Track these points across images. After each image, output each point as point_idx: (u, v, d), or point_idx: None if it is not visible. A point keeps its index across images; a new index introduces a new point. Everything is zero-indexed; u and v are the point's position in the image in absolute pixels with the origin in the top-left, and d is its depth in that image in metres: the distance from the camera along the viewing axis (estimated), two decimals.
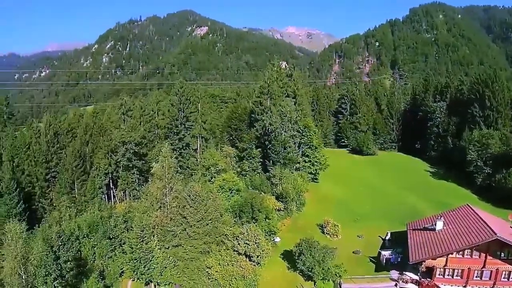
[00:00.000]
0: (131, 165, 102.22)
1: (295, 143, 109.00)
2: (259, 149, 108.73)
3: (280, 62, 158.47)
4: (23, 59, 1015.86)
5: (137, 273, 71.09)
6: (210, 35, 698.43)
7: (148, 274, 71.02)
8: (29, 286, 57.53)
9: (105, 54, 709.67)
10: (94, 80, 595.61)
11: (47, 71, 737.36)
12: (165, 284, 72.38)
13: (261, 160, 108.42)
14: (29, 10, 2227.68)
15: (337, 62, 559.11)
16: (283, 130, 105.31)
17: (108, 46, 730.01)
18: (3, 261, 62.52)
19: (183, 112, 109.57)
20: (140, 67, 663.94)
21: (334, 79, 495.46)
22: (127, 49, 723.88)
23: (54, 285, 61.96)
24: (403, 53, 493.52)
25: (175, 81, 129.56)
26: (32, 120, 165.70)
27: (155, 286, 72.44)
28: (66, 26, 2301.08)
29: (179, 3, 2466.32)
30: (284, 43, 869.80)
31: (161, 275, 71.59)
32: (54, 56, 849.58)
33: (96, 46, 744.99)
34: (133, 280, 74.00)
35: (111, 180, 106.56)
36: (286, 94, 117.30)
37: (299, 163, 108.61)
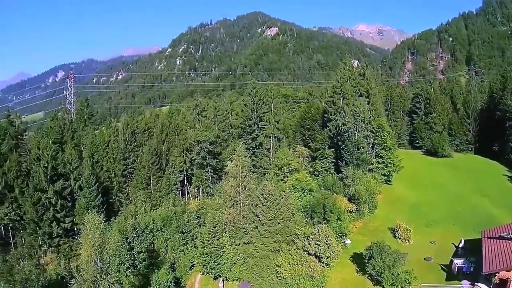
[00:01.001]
0: (205, 163, 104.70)
1: (368, 143, 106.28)
2: (332, 149, 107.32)
3: (352, 61, 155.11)
4: (100, 64, 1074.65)
5: (207, 267, 73.08)
6: (281, 35, 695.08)
7: (217, 269, 72.68)
8: (103, 273, 60.49)
9: (179, 57, 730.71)
10: (168, 82, 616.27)
11: (124, 74, 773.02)
12: (233, 280, 73.66)
13: (334, 160, 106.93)
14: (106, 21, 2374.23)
15: (409, 60, 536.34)
16: (356, 130, 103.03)
17: (181, 49, 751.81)
18: (81, 249, 66.48)
19: (256, 112, 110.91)
20: (213, 68, 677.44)
21: (407, 77, 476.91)
22: (200, 51, 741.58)
23: (126, 273, 65.64)
24: (479, 48, 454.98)
25: (248, 82, 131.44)
26: (110, 120, 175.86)
27: (223, 281, 73.76)
28: (141, 33, 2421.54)
29: (248, 5, 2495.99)
30: (355, 41, 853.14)
31: (230, 270, 72.98)
32: (130, 61, 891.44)
33: (169, 50, 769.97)
34: (202, 274, 76.35)
35: (185, 177, 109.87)
36: (359, 94, 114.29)
37: (372, 164, 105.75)
